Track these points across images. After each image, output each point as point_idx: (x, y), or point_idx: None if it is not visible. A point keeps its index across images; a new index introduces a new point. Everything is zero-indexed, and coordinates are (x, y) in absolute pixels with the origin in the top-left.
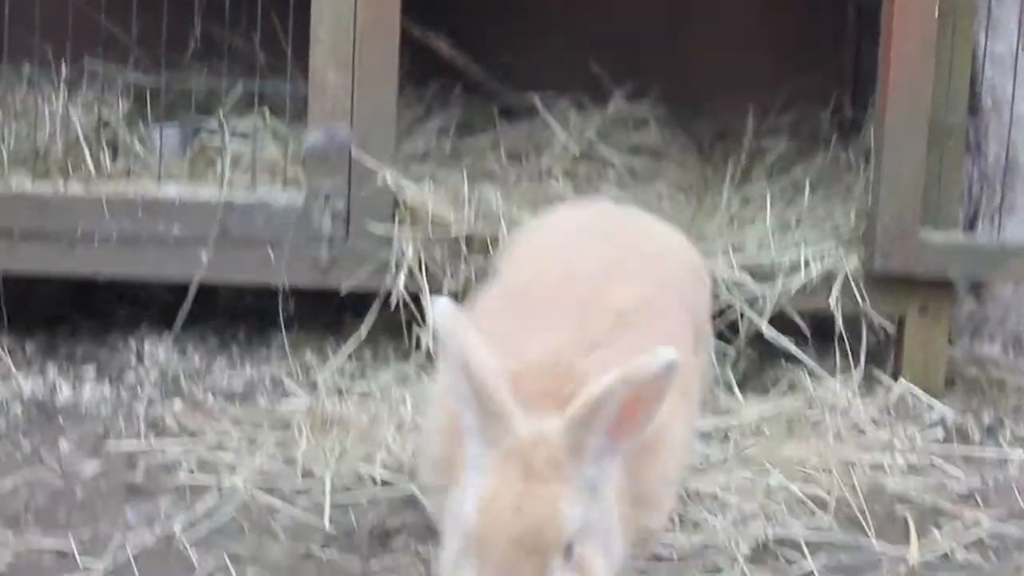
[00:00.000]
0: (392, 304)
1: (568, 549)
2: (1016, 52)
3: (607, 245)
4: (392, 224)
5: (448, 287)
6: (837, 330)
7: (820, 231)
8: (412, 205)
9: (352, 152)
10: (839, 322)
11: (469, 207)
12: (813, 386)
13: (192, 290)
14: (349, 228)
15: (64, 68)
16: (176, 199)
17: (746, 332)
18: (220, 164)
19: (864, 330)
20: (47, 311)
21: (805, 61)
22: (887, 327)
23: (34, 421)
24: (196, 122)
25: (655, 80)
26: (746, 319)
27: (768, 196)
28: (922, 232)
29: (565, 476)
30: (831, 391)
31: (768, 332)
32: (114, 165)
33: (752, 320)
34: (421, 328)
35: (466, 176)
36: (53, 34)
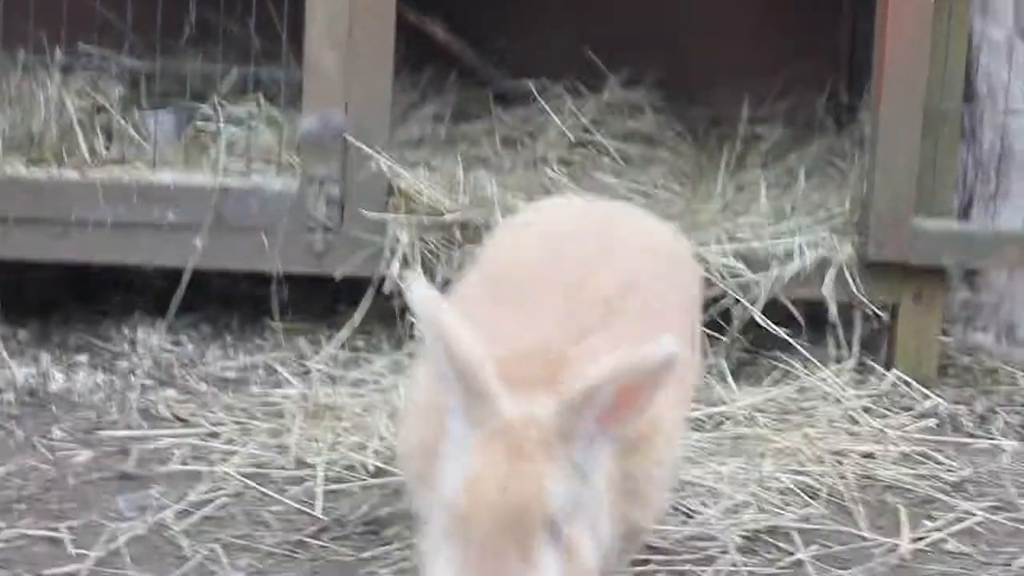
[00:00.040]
0: (386, 291)
1: (555, 528)
2: (1012, 38)
3: (594, 235)
4: (386, 210)
5: (442, 274)
6: (831, 318)
7: (814, 218)
8: (407, 191)
9: (347, 138)
10: (833, 310)
11: (464, 193)
12: (806, 375)
13: (186, 276)
14: (343, 214)
15: (59, 54)
16: (170, 185)
17: (740, 320)
18: (215, 150)
19: (858, 318)
20: (40, 298)
21: (800, 48)
22: (881, 315)
23: (27, 409)
24: (191, 108)
25: (650, 67)
26: (740, 307)
27: (763, 183)
28: (916, 220)
29: (552, 456)
30: (824, 380)
31: (762, 320)
32: (108, 151)
33: (746, 308)
34: (415, 315)
35: (461, 162)
36: (48, 20)
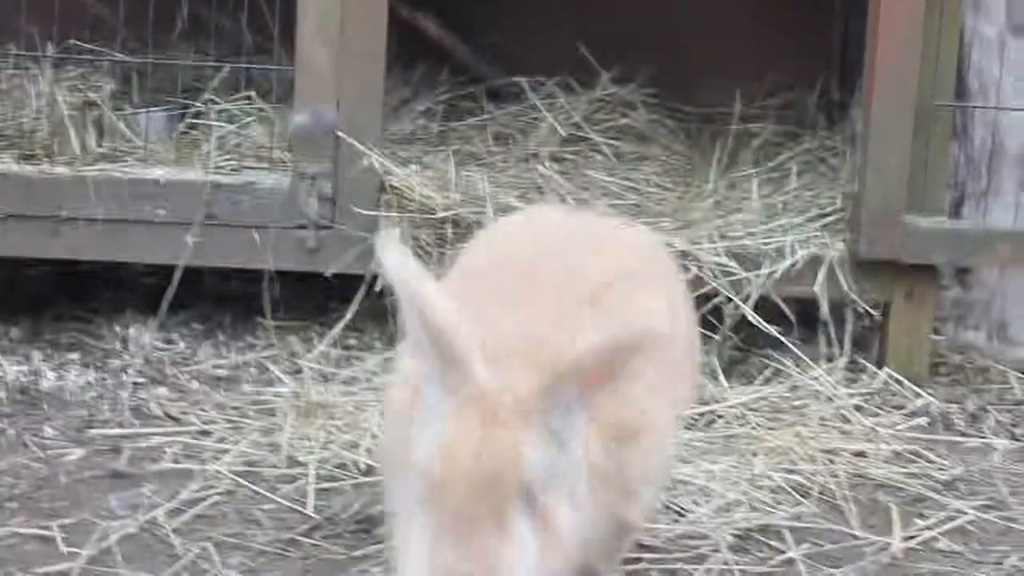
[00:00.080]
0: (378, 288)
1: (531, 496)
2: (1003, 35)
3: (578, 236)
4: (378, 207)
5: (435, 271)
6: (822, 316)
7: (806, 216)
8: (399, 188)
9: (339, 135)
10: (824, 308)
11: (456, 190)
12: (797, 373)
13: (178, 274)
14: (335, 211)
15: (50, 49)
16: (162, 181)
17: (731, 318)
18: (206, 146)
19: (849, 316)
20: (31, 295)
21: (792, 45)
22: (872, 313)
23: (18, 407)
24: (182, 104)
25: (643, 64)
26: (731, 305)
27: (754, 181)
28: (908, 217)
29: (529, 423)
30: (816, 378)
31: (753, 318)
32: (100, 147)
33: (737, 306)
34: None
35: (453, 159)
36: (39, 15)
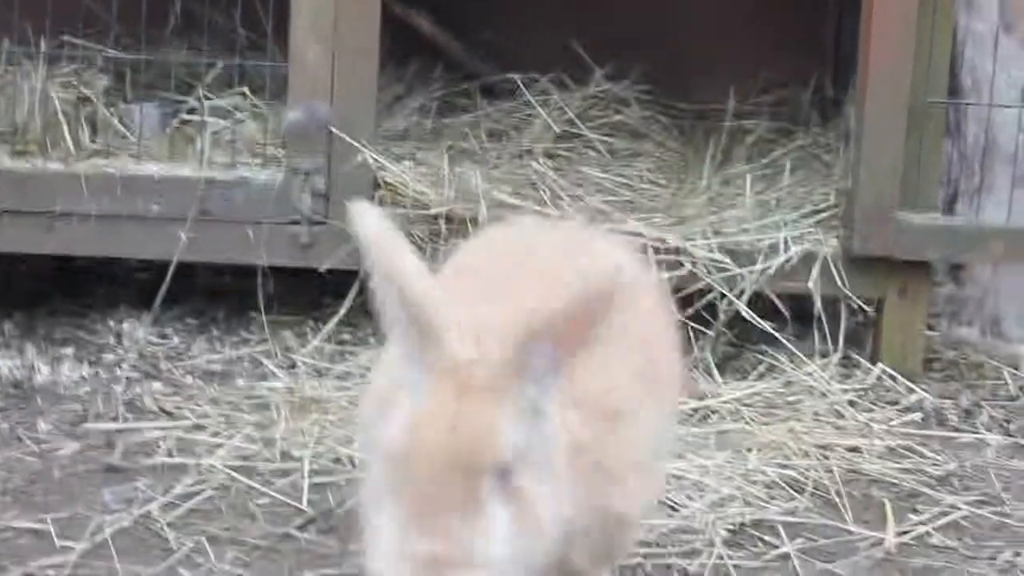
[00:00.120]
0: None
1: (504, 474)
2: (996, 32)
3: (559, 240)
4: (372, 203)
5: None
6: (816, 312)
7: (800, 213)
8: (392, 184)
9: (332, 130)
10: (818, 304)
11: (449, 186)
12: (791, 368)
13: (171, 269)
14: (329, 207)
15: (43, 44)
16: (155, 177)
17: (725, 314)
18: (200, 142)
19: (843, 312)
20: (26, 290)
21: (786, 42)
22: (866, 309)
23: (12, 401)
24: (176, 99)
25: (636, 60)
26: (725, 300)
27: (748, 177)
28: (901, 214)
29: (504, 396)
30: (809, 374)
31: (747, 314)
32: (93, 143)
33: (731, 301)
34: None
35: (446, 155)
36: (33, 10)
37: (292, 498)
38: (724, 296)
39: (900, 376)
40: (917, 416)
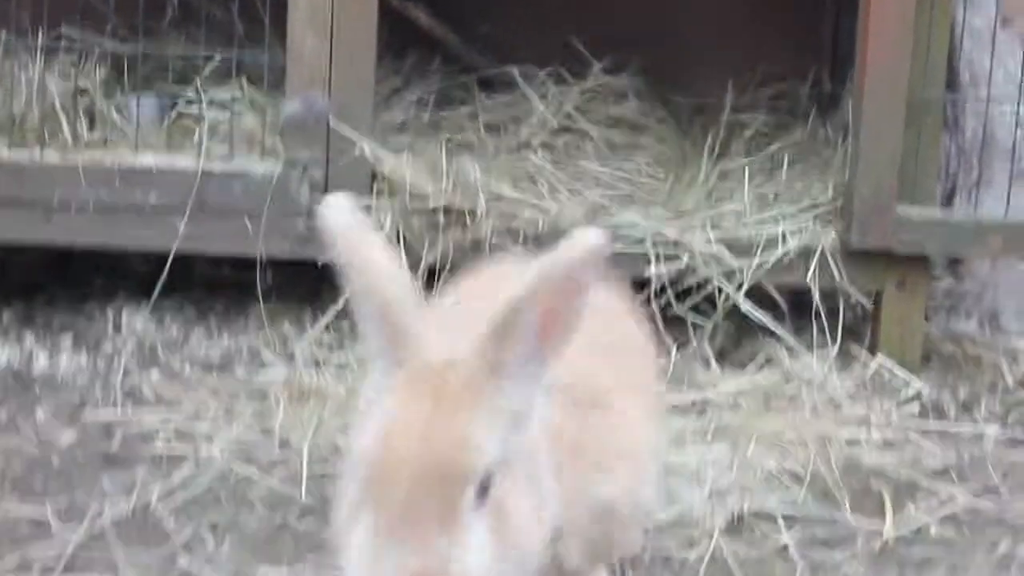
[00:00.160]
0: None
1: (482, 484)
2: (994, 26)
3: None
4: (370, 195)
5: (426, 259)
6: (814, 305)
7: (798, 206)
8: (390, 176)
9: (330, 122)
10: (816, 297)
11: (447, 179)
12: (790, 361)
13: (169, 260)
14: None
15: (41, 36)
16: (153, 168)
17: (723, 306)
18: (197, 133)
19: (841, 305)
20: (24, 280)
21: (784, 36)
22: (864, 302)
23: (11, 390)
24: (174, 91)
25: (634, 53)
26: (723, 293)
27: (746, 170)
28: (899, 208)
29: (481, 400)
30: (808, 366)
31: (745, 306)
32: (91, 134)
33: (729, 294)
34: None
35: (444, 148)
36: (30, 2)
37: (290, 487)
38: (722, 289)
39: (898, 368)
40: (915, 408)
